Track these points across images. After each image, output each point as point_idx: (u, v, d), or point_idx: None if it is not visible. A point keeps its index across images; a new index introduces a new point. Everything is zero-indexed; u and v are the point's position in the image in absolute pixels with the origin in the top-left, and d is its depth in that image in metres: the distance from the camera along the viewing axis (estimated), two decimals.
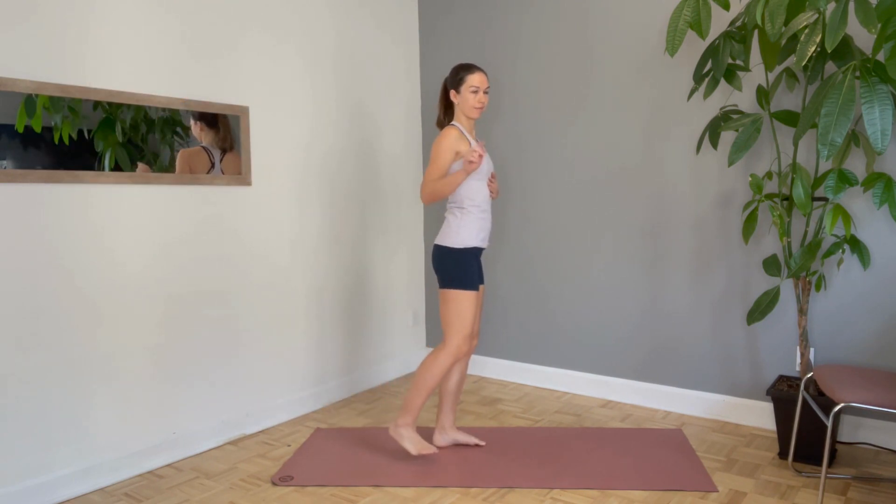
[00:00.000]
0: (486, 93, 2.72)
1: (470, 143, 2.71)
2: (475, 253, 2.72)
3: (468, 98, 2.70)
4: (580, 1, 3.53)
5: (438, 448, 2.90)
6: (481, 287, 2.86)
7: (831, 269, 2.93)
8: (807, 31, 2.28)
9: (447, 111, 2.82)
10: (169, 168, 2.80)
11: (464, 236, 2.69)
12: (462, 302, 2.68)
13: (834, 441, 2.78)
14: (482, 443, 2.91)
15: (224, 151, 2.99)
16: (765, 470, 2.66)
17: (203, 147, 2.90)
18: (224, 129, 2.97)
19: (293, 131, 3.35)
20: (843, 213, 2.48)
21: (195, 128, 2.88)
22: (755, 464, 2.72)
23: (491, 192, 2.83)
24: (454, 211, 2.74)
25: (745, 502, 2.39)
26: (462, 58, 3.99)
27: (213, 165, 2.96)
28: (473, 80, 2.69)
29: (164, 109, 2.78)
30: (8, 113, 2.32)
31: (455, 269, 2.68)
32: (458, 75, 2.72)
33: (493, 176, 2.87)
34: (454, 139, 2.66)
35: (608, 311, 3.57)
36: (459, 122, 2.75)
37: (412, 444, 2.72)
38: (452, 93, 2.74)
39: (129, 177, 2.67)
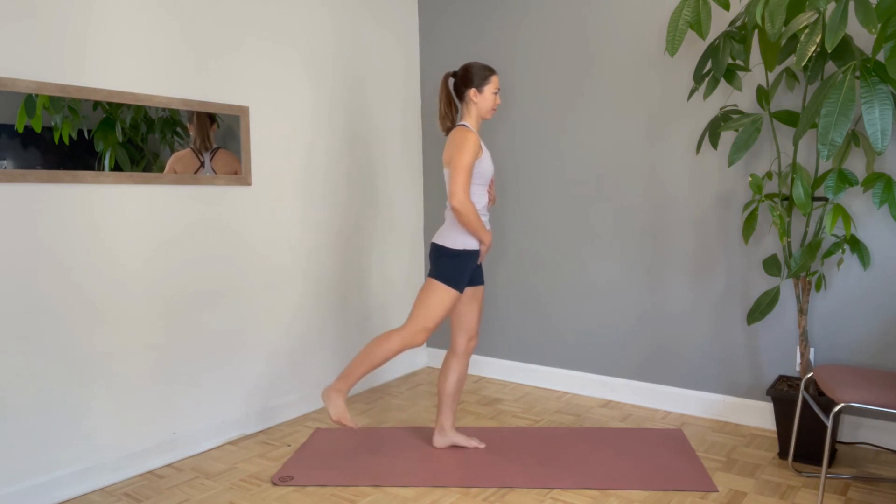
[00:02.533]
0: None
1: (482, 149, 2.69)
2: (473, 255, 2.70)
3: (490, 99, 2.69)
4: (580, 1, 3.53)
5: (436, 448, 2.90)
6: (481, 287, 2.86)
7: (831, 269, 2.93)
8: (807, 31, 2.28)
9: (452, 109, 2.77)
10: None
11: (462, 239, 2.67)
12: (441, 296, 2.65)
13: (834, 441, 2.78)
14: (482, 445, 2.91)
15: (214, 150, 2.96)
16: (765, 470, 2.66)
17: (191, 148, 2.89)
18: (203, 127, 2.92)
19: (293, 131, 3.35)
20: (843, 213, 2.48)
21: (189, 128, 2.87)
22: (755, 464, 2.72)
23: (489, 198, 2.82)
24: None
25: (745, 502, 2.39)
26: (462, 57, 3.99)
27: (201, 165, 2.93)
28: (497, 81, 2.71)
29: (164, 109, 2.78)
30: (8, 113, 2.32)
31: (447, 267, 2.66)
32: (482, 74, 2.68)
33: (491, 182, 2.84)
34: (476, 146, 2.60)
35: (608, 311, 3.57)
36: (471, 122, 2.71)
37: (336, 409, 2.66)
38: (473, 91, 2.68)
39: (128, 177, 2.67)
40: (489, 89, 2.69)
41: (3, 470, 2.35)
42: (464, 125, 2.68)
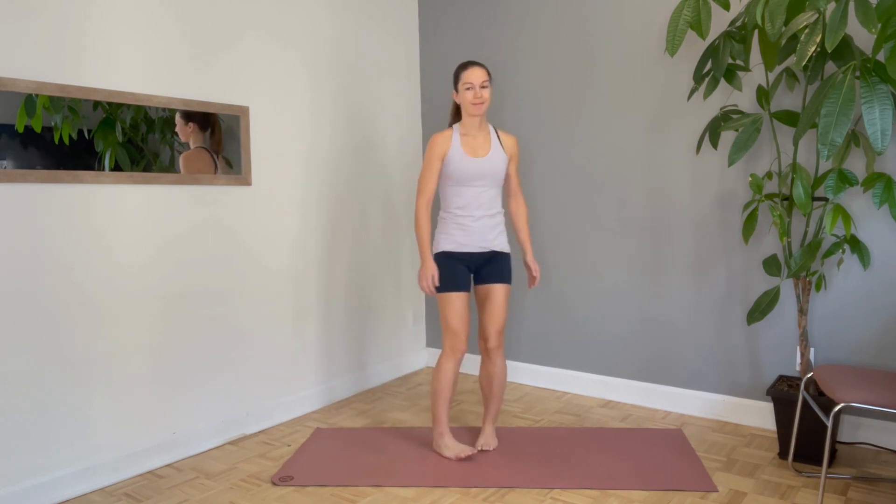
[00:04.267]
0: (483, 87, 2.67)
1: (452, 145, 2.70)
2: (458, 257, 2.75)
3: (465, 95, 2.69)
4: (581, 1, 3.53)
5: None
6: (492, 287, 2.78)
7: (831, 269, 2.93)
8: (807, 31, 2.28)
9: (456, 113, 2.84)
10: (169, 168, 2.80)
11: (439, 241, 2.78)
12: (445, 305, 2.74)
13: (834, 441, 2.78)
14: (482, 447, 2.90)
15: (218, 154, 3.00)
16: (765, 470, 2.66)
17: (204, 148, 2.91)
18: (219, 131, 2.96)
19: (293, 131, 3.35)
20: (843, 213, 2.48)
21: (186, 129, 2.86)
22: (755, 464, 2.72)
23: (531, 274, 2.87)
24: (439, 215, 2.84)
25: (745, 502, 2.39)
26: (462, 56, 3.99)
27: (216, 166, 2.97)
28: (466, 76, 2.67)
29: (164, 109, 2.78)
30: (8, 113, 2.32)
31: (437, 273, 2.73)
32: (455, 75, 2.72)
33: (509, 183, 2.86)
34: (437, 146, 2.71)
35: (608, 311, 3.57)
36: (462, 122, 2.75)
37: (448, 449, 2.79)
38: (454, 93, 2.74)
39: (129, 177, 2.67)
40: (461, 87, 2.69)
41: (3, 470, 2.35)
42: (450, 127, 2.78)
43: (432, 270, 2.68)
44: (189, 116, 2.87)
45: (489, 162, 2.73)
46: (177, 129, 2.82)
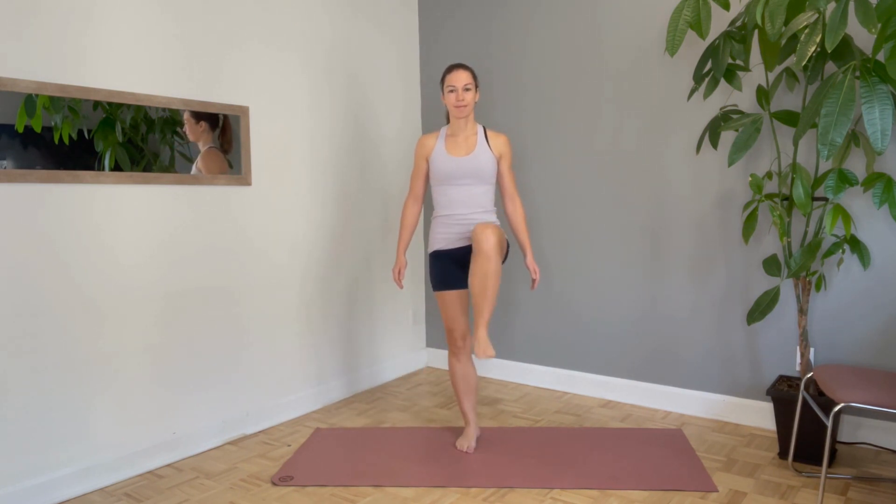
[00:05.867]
0: (466, 90, 2.71)
1: (436, 146, 2.80)
2: (449, 255, 2.82)
3: (448, 98, 2.76)
4: (581, 2, 3.53)
5: (438, 449, 2.90)
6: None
7: (831, 269, 2.93)
8: (807, 31, 2.28)
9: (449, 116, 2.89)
10: (169, 168, 2.80)
11: (431, 241, 2.90)
12: (439, 303, 2.87)
13: (834, 441, 2.78)
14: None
15: (228, 153, 3.03)
16: (765, 470, 2.66)
17: (216, 148, 2.94)
18: (229, 130, 3.00)
19: (293, 131, 3.35)
20: (843, 213, 2.48)
21: (197, 128, 2.87)
22: (755, 464, 2.72)
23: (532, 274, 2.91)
24: (431, 215, 2.93)
25: (745, 502, 2.39)
26: (462, 57, 3.99)
27: (230, 165, 3.03)
28: (449, 79, 2.74)
29: (164, 109, 2.78)
30: (8, 113, 2.32)
31: (430, 271, 2.87)
32: (441, 78, 2.79)
33: (503, 182, 2.86)
34: (421, 146, 2.84)
35: (608, 311, 3.57)
36: (449, 123, 2.83)
37: (459, 439, 2.93)
38: (441, 97, 2.80)
39: (129, 177, 2.66)
40: (445, 89, 2.76)
41: (3, 470, 2.35)
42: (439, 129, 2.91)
43: (399, 265, 2.93)
44: (200, 115, 2.88)
45: (472, 160, 2.76)
46: (185, 129, 2.83)
